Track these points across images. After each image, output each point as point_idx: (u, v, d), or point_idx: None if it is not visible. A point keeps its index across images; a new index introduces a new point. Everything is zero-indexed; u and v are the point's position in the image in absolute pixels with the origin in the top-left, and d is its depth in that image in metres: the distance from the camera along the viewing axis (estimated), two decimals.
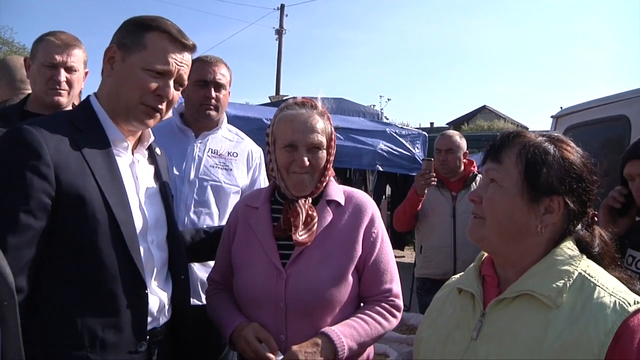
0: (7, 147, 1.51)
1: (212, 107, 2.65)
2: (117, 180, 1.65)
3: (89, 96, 1.77)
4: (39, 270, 1.48)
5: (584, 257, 1.34)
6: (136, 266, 1.62)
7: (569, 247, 1.34)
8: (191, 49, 1.80)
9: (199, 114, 2.65)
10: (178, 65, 1.74)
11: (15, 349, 0.93)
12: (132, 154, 1.79)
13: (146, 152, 1.88)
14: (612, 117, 4.31)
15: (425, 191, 4.02)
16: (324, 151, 1.91)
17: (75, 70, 2.55)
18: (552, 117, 5.44)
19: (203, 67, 2.64)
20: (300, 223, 1.86)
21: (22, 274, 1.43)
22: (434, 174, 3.98)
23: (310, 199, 1.94)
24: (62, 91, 2.50)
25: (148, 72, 1.69)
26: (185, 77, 1.81)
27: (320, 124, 1.90)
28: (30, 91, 2.79)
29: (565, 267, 1.29)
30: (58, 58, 2.47)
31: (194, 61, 2.70)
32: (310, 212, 1.89)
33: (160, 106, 1.74)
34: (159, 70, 1.70)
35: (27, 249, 1.45)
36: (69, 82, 2.52)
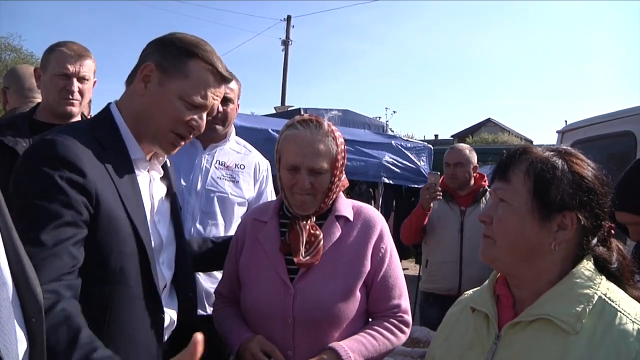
0: (44, 161, 1.42)
1: (218, 121, 2.65)
2: (139, 202, 1.61)
3: (109, 107, 1.70)
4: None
5: (604, 278, 1.28)
6: (156, 289, 1.60)
7: (587, 268, 1.28)
8: (229, 82, 1.75)
9: (206, 128, 2.65)
10: (214, 99, 1.68)
11: None
12: (148, 172, 1.75)
13: (161, 170, 1.83)
14: (618, 133, 4.32)
15: (432, 205, 3.96)
16: (327, 174, 1.87)
17: (87, 80, 2.58)
18: (557, 132, 5.45)
19: None
20: (302, 245, 1.85)
21: (75, 278, 1.38)
22: (440, 188, 3.93)
23: (313, 218, 1.93)
24: (74, 101, 2.53)
25: (184, 103, 1.63)
26: (217, 107, 1.75)
27: (323, 146, 1.85)
28: (39, 100, 2.82)
29: (585, 291, 1.24)
30: (71, 68, 2.50)
31: None
32: (312, 232, 1.88)
33: (190, 136, 1.70)
34: (197, 104, 1.64)
35: (78, 252, 1.39)
36: (81, 92, 2.55)
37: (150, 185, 1.74)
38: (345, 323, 1.83)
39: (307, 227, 1.89)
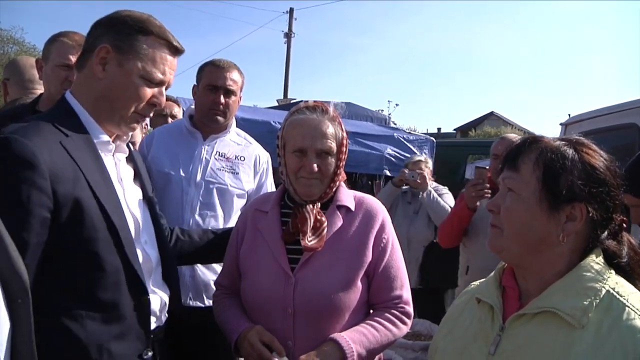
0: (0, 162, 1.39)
1: (220, 112, 2.65)
2: (109, 185, 1.60)
3: (65, 96, 1.69)
4: (40, 285, 1.37)
5: (613, 272, 1.25)
6: (136, 271, 1.59)
7: (596, 261, 1.25)
8: (182, 53, 1.77)
9: (207, 118, 2.66)
10: (171, 73, 1.72)
11: (27, 347, 0.93)
12: (113, 155, 1.74)
13: (126, 149, 1.81)
14: (622, 125, 4.27)
15: (478, 204, 3.50)
16: (334, 157, 1.88)
17: None
18: (561, 124, 5.41)
19: (215, 71, 2.65)
20: (309, 229, 1.84)
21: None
22: (488, 185, 3.45)
23: (319, 204, 1.92)
24: None
25: (145, 81, 1.65)
26: (172, 81, 1.77)
27: (330, 129, 1.87)
28: (40, 91, 2.80)
29: (592, 284, 1.21)
30: (73, 59, 2.47)
31: (206, 65, 2.73)
32: (319, 217, 1.87)
33: (151, 113, 1.73)
34: (157, 80, 1.67)
35: (30, 265, 1.35)
36: None
37: (117, 167, 1.73)
38: (346, 313, 1.81)
39: (314, 211, 1.88)
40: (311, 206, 1.89)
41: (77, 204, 1.46)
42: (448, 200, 4.70)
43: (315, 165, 1.83)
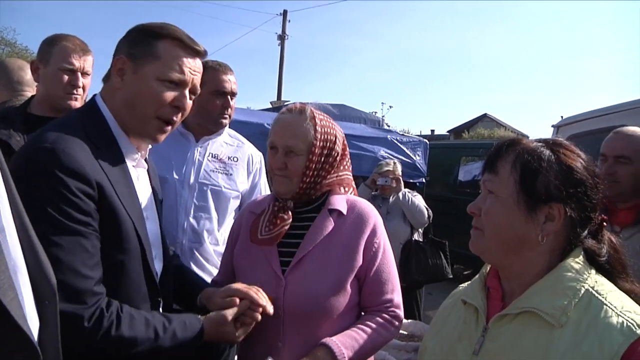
0: (50, 173, 1.39)
1: (228, 116, 2.68)
2: (135, 198, 1.61)
3: (96, 101, 1.67)
4: None
5: (593, 271, 1.27)
6: (156, 283, 1.64)
7: (576, 261, 1.27)
8: (203, 55, 1.74)
9: (215, 124, 2.66)
10: (192, 73, 1.68)
11: (54, 347, 0.95)
12: (135, 168, 1.73)
13: (146, 164, 1.80)
14: (614, 127, 4.29)
15: None
16: (302, 156, 1.87)
17: (89, 75, 2.58)
18: (553, 126, 5.45)
19: (218, 76, 2.64)
20: (262, 224, 1.91)
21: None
22: None
23: (291, 203, 1.93)
24: (77, 96, 2.52)
25: (163, 83, 1.62)
26: (198, 85, 1.74)
27: (301, 128, 1.87)
28: (29, 93, 2.79)
29: (572, 284, 1.23)
30: (76, 63, 2.49)
31: (205, 68, 2.71)
32: (281, 215, 1.90)
33: (175, 118, 1.68)
34: (176, 79, 1.63)
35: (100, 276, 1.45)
36: (83, 87, 2.55)
37: (138, 181, 1.73)
38: (336, 316, 1.83)
39: (276, 208, 1.93)
40: (281, 204, 1.93)
41: (115, 214, 1.50)
42: (420, 201, 5.37)
43: (281, 161, 1.87)
